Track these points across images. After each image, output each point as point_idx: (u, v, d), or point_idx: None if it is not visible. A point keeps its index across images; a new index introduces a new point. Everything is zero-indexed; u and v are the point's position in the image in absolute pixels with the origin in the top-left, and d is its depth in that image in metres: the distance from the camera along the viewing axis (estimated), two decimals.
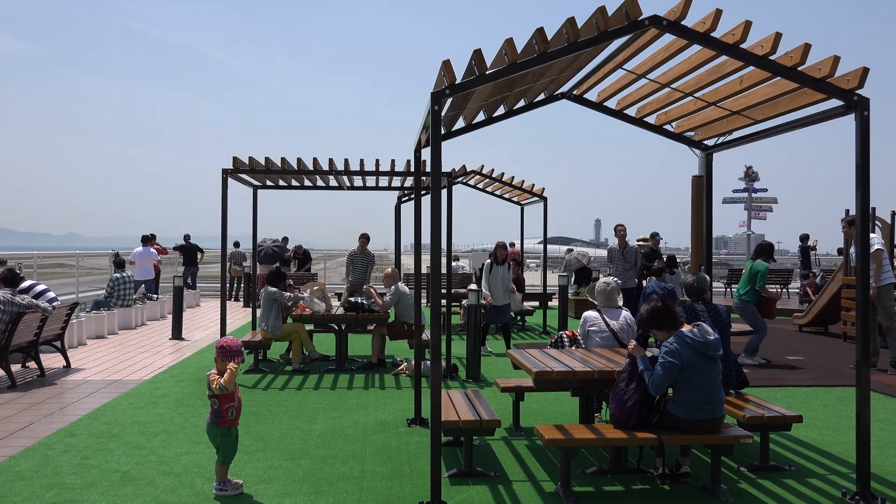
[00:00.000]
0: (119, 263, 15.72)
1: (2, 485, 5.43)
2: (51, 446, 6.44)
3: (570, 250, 21.51)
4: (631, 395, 5.26)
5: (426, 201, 7.14)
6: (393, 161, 11.08)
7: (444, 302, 10.82)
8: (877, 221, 13.76)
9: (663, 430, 5.24)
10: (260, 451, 6.35)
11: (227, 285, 15.92)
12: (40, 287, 11.13)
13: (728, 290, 23.41)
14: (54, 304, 10.57)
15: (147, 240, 18.62)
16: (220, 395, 5.25)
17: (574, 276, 18.31)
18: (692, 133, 7.73)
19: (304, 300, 10.74)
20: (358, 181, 12.92)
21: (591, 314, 7.05)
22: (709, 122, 7.27)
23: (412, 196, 14.80)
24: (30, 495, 5.20)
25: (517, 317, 15.90)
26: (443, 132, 6.56)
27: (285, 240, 22.31)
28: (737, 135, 7.22)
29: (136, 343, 13.00)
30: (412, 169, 10.62)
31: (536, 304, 17.26)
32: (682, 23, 5.22)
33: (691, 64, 6.10)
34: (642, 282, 14.22)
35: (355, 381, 9.51)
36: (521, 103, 7.56)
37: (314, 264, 24.66)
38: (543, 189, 15.41)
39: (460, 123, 7.47)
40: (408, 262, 28.08)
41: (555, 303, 18.87)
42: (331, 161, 10.73)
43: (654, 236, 15.86)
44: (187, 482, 5.51)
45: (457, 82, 5.15)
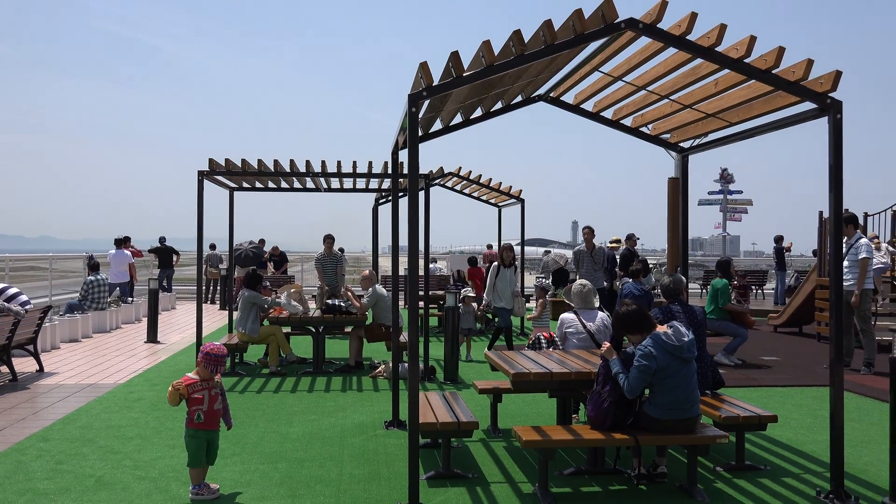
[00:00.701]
0: (93, 266, 15.56)
1: None
2: (23, 451, 6.35)
3: (547, 252, 21.59)
4: (607, 397, 5.28)
5: (404, 203, 7.14)
6: (370, 163, 11.05)
7: (421, 304, 10.82)
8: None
9: (640, 431, 5.26)
10: (236, 454, 6.30)
11: (204, 288, 15.80)
12: (12, 290, 10.97)
13: (704, 290, 23.58)
14: (27, 307, 10.43)
15: (121, 242, 18.43)
16: (187, 396, 5.26)
17: (551, 277, 18.35)
18: (668, 135, 7.78)
19: (281, 303, 10.68)
20: (335, 183, 12.87)
21: (567, 316, 7.08)
22: (684, 125, 7.32)
23: (389, 198, 14.77)
24: (2, 501, 5.13)
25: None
26: (420, 134, 6.55)
27: (262, 242, 22.20)
28: (712, 137, 7.28)
29: (110, 346, 12.87)
30: (390, 171, 10.60)
31: None
32: (658, 26, 5.25)
33: (667, 67, 6.14)
34: (613, 283, 14.28)
35: (333, 384, 9.47)
36: (499, 105, 7.57)
37: (291, 266, 24.55)
38: (521, 191, 15.44)
39: (438, 125, 7.47)
40: (385, 264, 28.04)
41: (532, 304, 18.91)
42: (308, 163, 10.69)
43: (631, 237, 15.93)
44: (163, 486, 5.46)
45: (434, 84, 5.14)
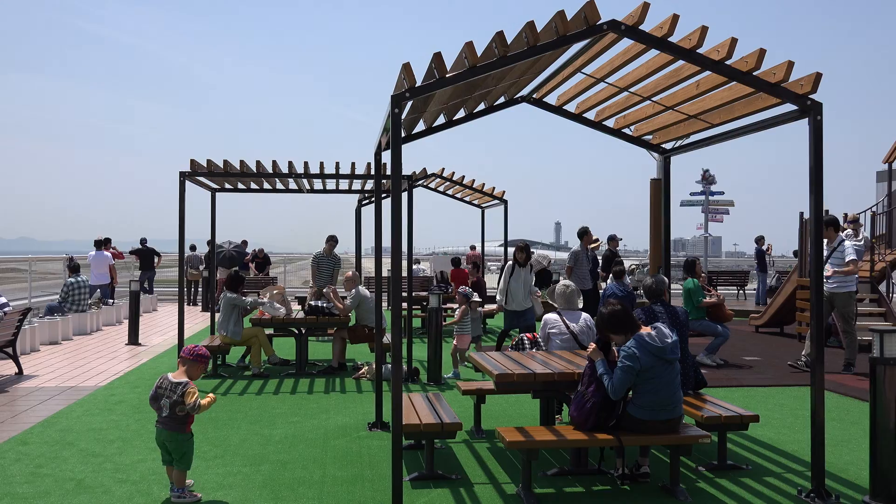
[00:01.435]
0: (74, 268, 15.44)
1: None
2: (2, 455, 6.29)
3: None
4: (590, 398, 5.29)
5: (387, 204, 7.13)
6: (353, 164, 11.03)
7: (404, 305, 10.81)
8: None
9: (623, 432, 5.28)
10: (219, 457, 6.26)
11: (185, 289, 15.70)
12: None
13: None
14: (6, 309, 10.33)
15: (101, 244, 18.29)
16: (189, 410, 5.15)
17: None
18: (650, 136, 7.81)
19: (263, 305, 10.62)
20: (318, 184, 12.83)
21: (551, 317, 7.09)
22: (666, 126, 7.35)
23: (372, 199, 14.74)
24: None
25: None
26: (403, 135, 6.54)
27: (244, 243, 22.11)
28: (694, 138, 7.32)
29: (91, 349, 12.76)
30: (372, 172, 10.58)
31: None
32: (640, 27, 5.27)
33: (649, 68, 6.17)
34: (597, 284, 14.33)
35: (316, 386, 9.44)
36: (482, 106, 7.57)
37: (274, 268, 24.45)
38: (504, 192, 15.47)
39: (421, 126, 7.46)
40: (368, 266, 27.99)
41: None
42: (290, 164, 10.65)
43: (613, 238, 15.99)
44: (144, 489, 5.42)
45: (417, 85, 5.14)
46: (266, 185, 12.17)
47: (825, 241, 10.43)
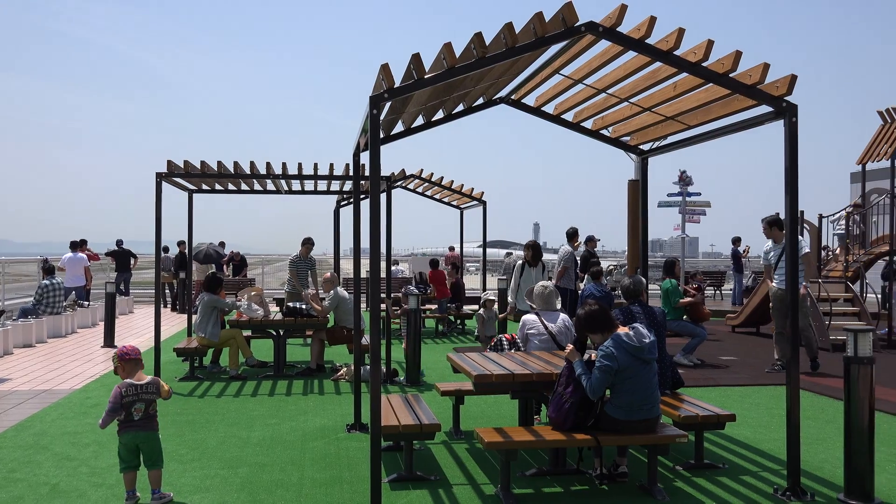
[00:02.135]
0: (48, 270, 15.28)
1: None
2: None
3: (509, 254, 21.69)
4: (568, 398, 5.31)
5: (365, 205, 7.11)
6: (331, 165, 11.00)
7: (383, 306, 10.79)
8: (805, 225, 14.19)
9: (601, 432, 5.30)
10: (196, 459, 6.22)
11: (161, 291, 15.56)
12: None
13: None
14: None
15: (76, 245, 18.10)
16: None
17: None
18: (628, 138, 7.85)
19: (241, 307, 10.55)
20: (296, 185, 12.77)
21: (529, 317, 7.10)
22: (644, 127, 7.39)
23: (351, 200, 14.71)
24: None
25: (457, 320, 15.92)
26: (382, 136, 6.53)
27: (222, 244, 22.00)
28: (671, 139, 7.36)
29: (66, 351, 12.63)
30: (351, 173, 10.55)
31: (476, 307, 17.28)
32: (618, 29, 5.30)
33: (627, 70, 6.20)
34: (576, 284, 14.37)
35: (294, 388, 9.40)
36: (460, 107, 7.58)
37: (252, 269, 24.34)
38: (483, 193, 15.50)
39: (399, 127, 7.45)
40: (347, 267, 27.92)
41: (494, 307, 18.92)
42: (268, 165, 10.60)
43: (591, 239, 16.05)
44: (120, 493, 5.36)
45: (395, 86, 5.13)
46: (244, 186, 12.10)
47: (771, 242, 10.53)
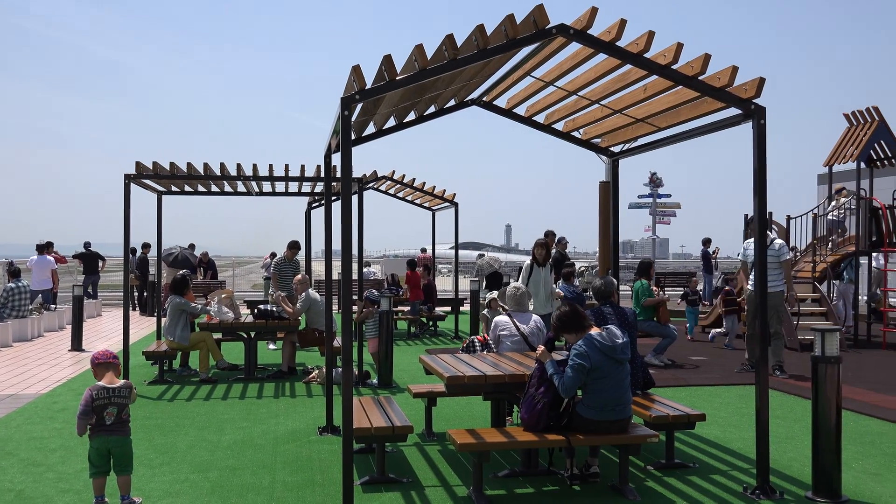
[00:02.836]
0: (14, 272, 15.05)
1: None
2: None
3: (481, 255, 21.71)
4: (540, 399, 5.33)
5: (337, 207, 7.08)
6: (303, 166, 10.93)
7: (355, 308, 10.75)
8: (773, 225, 14.36)
9: (573, 432, 5.32)
10: (166, 464, 6.15)
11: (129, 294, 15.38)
12: None
13: None
14: None
15: (43, 248, 17.84)
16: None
17: (485, 280, 18.45)
18: (599, 140, 7.89)
19: (211, 311, 10.45)
20: (267, 186, 12.68)
21: (501, 319, 7.12)
22: (615, 130, 7.43)
23: (322, 202, 14.64)
24: None
25: (430, 322, 15.90)
26: (353, 137, 6.50)
27: (192, 247, 21.82)
28: (641, 142, 7.41)
29: (32, 355, 12.44)
30: (322, 174, 10.50)
31: (448, 309, 17.35)
32: (589, 32, 5.33)
33: (597, 72, 6.23)
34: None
35: (265, 390, 9.33)
36: (432, 109, 7.57)
37: (223, 271, 24.15)
38: (455, 195, 15.50)
39: (371, 129, 7.43)
40: (319, 269, 27.80)
41: (467, 308, 18.98)
42: (239, 166, 10.51)
43: (561, 241, 16.12)
44: (87, 499, 5.29)
45: (367, 87, 5.12)
46: (214, 188, 11.99)
47: (753, 240, 10.65)
